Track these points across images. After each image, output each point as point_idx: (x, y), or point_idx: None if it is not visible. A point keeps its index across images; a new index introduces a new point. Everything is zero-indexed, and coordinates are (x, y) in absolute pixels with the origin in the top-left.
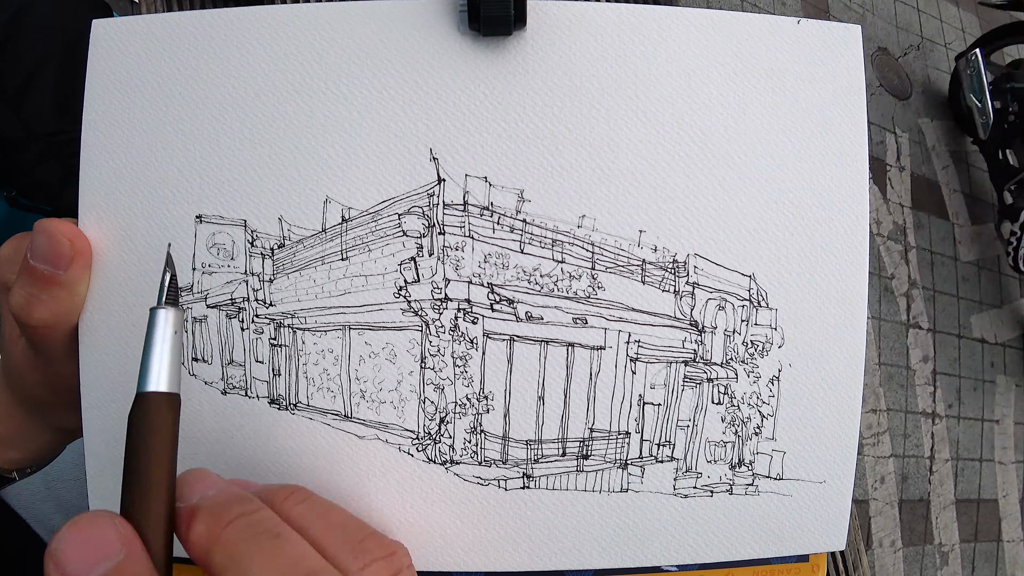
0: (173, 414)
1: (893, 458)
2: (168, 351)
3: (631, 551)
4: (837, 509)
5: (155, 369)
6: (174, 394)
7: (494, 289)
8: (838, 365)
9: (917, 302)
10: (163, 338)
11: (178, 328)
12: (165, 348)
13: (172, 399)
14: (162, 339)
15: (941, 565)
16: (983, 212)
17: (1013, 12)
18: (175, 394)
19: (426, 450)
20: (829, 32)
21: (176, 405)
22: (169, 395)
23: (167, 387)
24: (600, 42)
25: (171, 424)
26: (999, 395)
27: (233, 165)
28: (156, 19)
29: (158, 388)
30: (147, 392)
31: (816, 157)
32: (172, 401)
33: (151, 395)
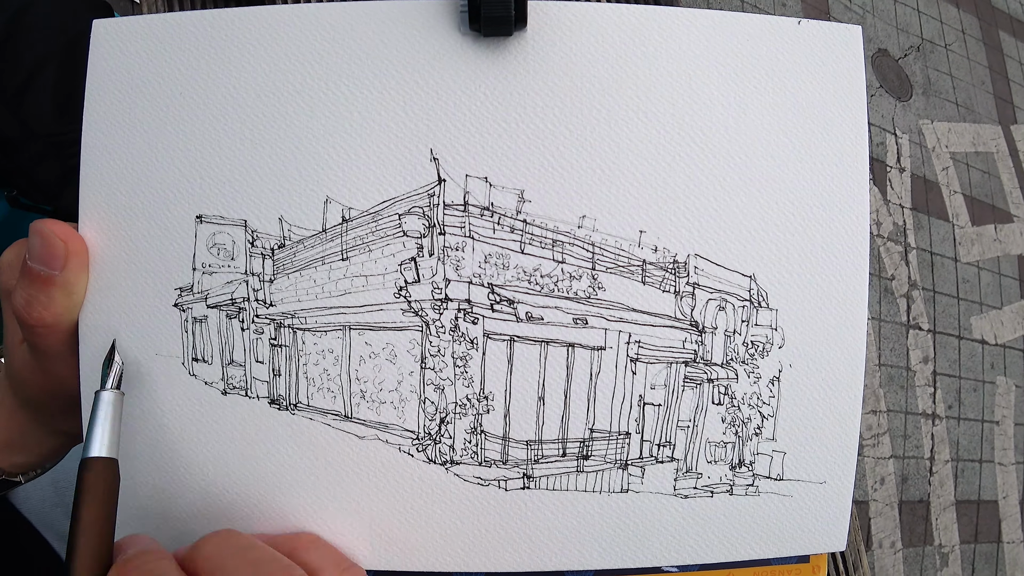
0: (112, 476)
1: (893, 459)
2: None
3: (631, 551)
4: (837, 510)
5: (98, 439)
6: (113, 459)
7: (494, 289)
8: (838, 366)
9: (917, 303)
10: (106, 416)
11: (119, 409)
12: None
13: (111, 464)
14: (104, 417)
15: (941, 566)
16: (983, 213)
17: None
18: (114, 459)
19: (426, 450)
20: (830, 33)
21: (115, 469)
22: (108, 460)
23: (108, 453)
24: (601, 42)
25: (112, 484)
26: (999, 396)
27: (233, 165)
28: (157, 19)
29: (100, 454)
30: (91, 457)
31: (817, 157)
32: (111, 465)
33: (95, 460)
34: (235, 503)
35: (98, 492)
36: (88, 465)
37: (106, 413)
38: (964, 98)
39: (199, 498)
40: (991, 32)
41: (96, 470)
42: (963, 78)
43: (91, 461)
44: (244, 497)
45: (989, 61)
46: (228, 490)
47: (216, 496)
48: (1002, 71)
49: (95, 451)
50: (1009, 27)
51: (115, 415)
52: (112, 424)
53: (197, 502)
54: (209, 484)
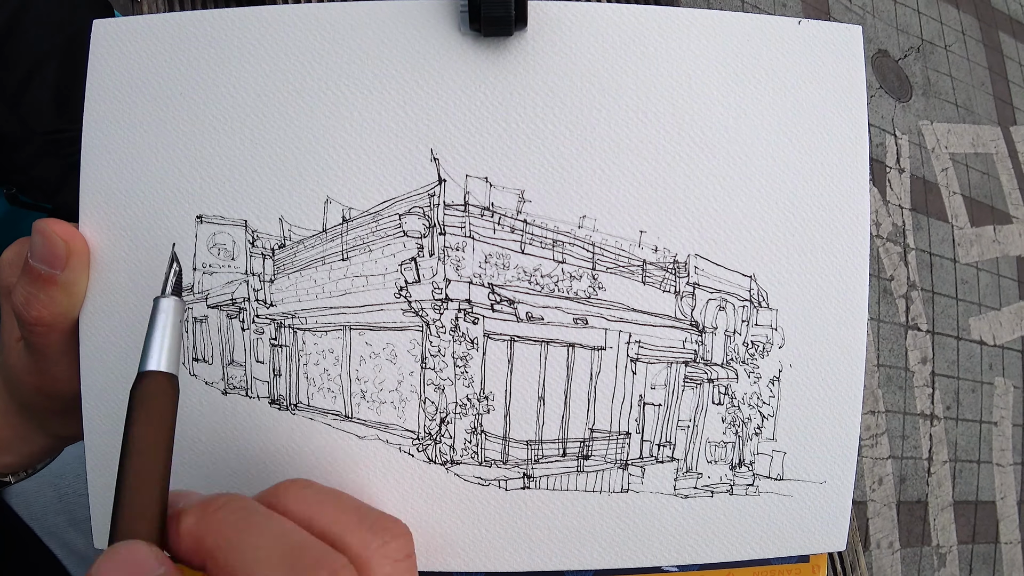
0: (173, 393)
1: (891, 459)
2: (170, 335)
3: (631, 551)
4: (837, 509)
5: (156, 350)
6: (174, 375)
7: (495, 289)
8: (838, 366)
9: (916, 304)
10: (165, 324)
11: (180, 317)
12: (167, 333)
13: (172, 379)
14: (164, 325)
15: (939, 567)
16: (982, 214)
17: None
18: (174, 375)
19: (426, 450)
20: (830, 33)
21: (175, 385)
22: (169, 375)
23: (168, 367)
24: (601, 42)
25: (171, 402)
26: (997, 397)
27: (234, 165)
28: (157, 19)
29: (159, 368)
30: (149, 371)
31: (817, 158)
32: (172, 381)
33: (153, 373)
34: None
35: (162, 413)
36: (146, 379)
37: (165, 321)
38: (964, 99)
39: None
40: (991, 33)
41: (159, 385)
42: (963, 79)
43: (148, 376)
44: None
45: (989, 62)
46: (228, 490)
47: None
48: (1002, 72)
49: (153, 364)
50: (1009, 28)
51: (175, 325)
52: (172, 335)
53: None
54: (209, 484)
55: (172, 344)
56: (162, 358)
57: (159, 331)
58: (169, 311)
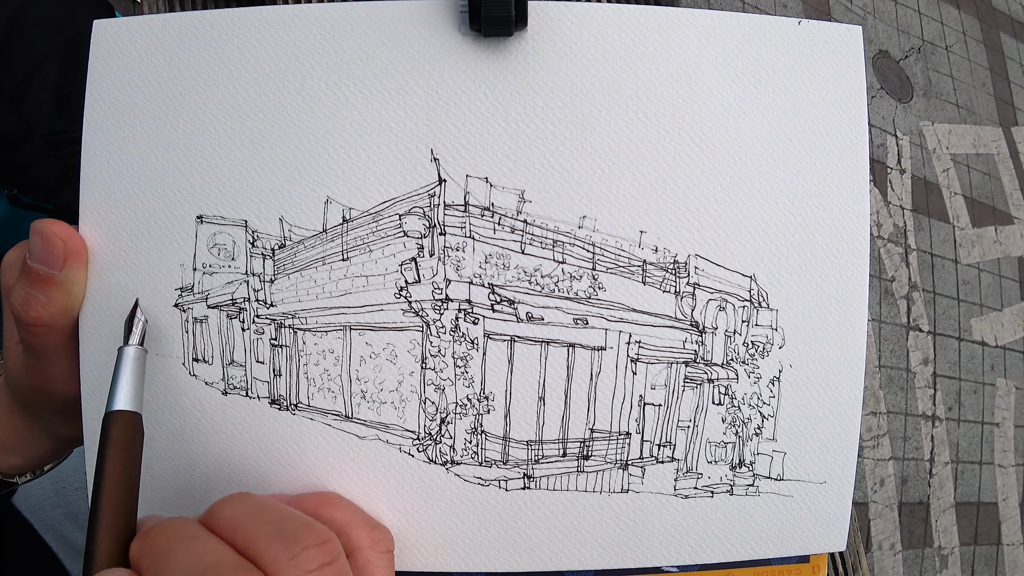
0: (136, 428)
1: (893, 461)
2: (132, 379)
3: (631, 552)
4: (838, 510)
5: (121, 392)
6: (137, 413)
7: (495, 290)
8: (838, 366)
9: (917, 304)
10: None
11: (143, 363)
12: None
13: (135, 417)
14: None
15: (941, 568)
16: (984, 215)
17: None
18: (138, 413)
19: (427, 451)
20: (830, 33)
21: (139, 422)
22: (133, 413)
23: (130, 406)
24: (601, 43)
25: (135, 437)
26: (999, 398)
27: (234, 165)
28: (157, 19)
29: (124, 407)
30: (115, 410)
31: (817, 158)
32: (135, 418)
33: (118, 412)
34: None
35: (123, 445)
36: (113, 419)
37: (129, 368)
38: (965, 100)
39: (199, 498)
40: (992, 34)
41: (121, 423)
42: (964, 80)
43: (116, 415)
44: None
45: (990, 63)
46: (229, 490)
47: (216, 496)
48: (1003, 73)
49: (119, 404)
50: (1010, 29)
51: (138, 370)
52: (136, 378)
53: (197, 502)
54: (208, 484)
55: (136, 387)
56: (128, 399)
57: (124, 376)
58: (132, 359)
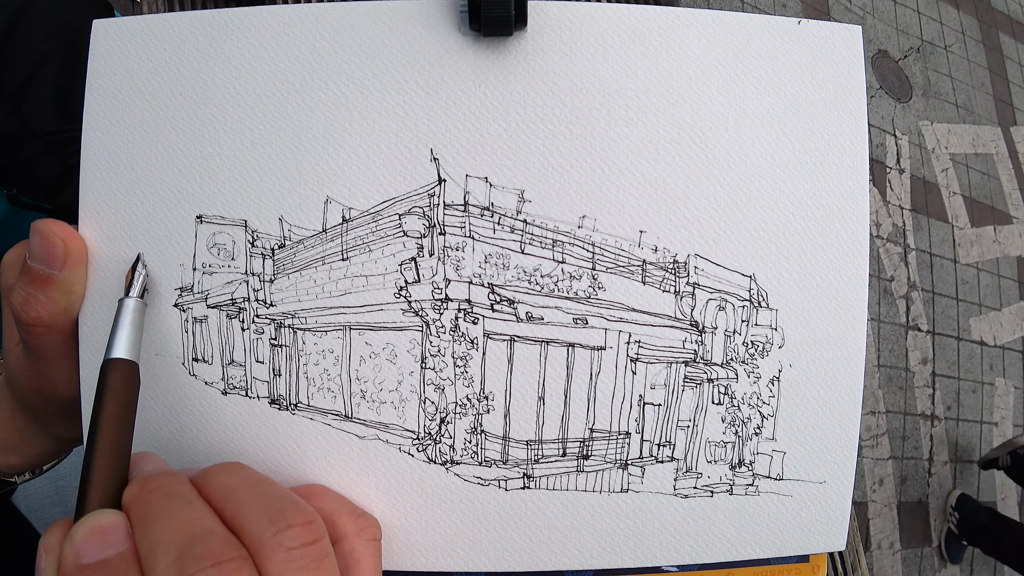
0: (133, 376)
1: (892, 460)
2: (130, 328)
3: (631, 551)
4: (837, 509)
5: (120, 341)
6: (134, 361)
7: (495, 289)
8: (838, 366)
9: (916, 304)
10: (127, 320)
11: (141, 314)
12: (128, 326)
13: (131, 365)
14: (127, 321)
15: (939, 567)
16: (983, 214)
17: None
18: (134, 362)
19: (426, 450)
20: (830, 33)
21: (135, 370)
22: (129, 361)
23: (127, 355)
24: (600, 42)
25: (132, 384)
26: (998, 397)
27: (234, 165)
28: (157, 19)
29: (121, 355)
30: (112, 358)
31: (816, 158)
32: (131, 366)
33: (115, 360)
34: None
35: (119, 393)
36: (111, 366)
37: (128, 319)
38: (964, 99)
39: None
40: (991, 34)
41: (119, 370)
42: (963, 79)
43: (114, 362)
44: None
45: (989, 63)
46: None
47: None
48: (1002, 73)
49: (117, 352)
50: (1009, 29)
51: (137, 321)
52: (134, 329)
53: None
54: None
55: (134, 337)
56: (125, 348)
57: (123, 326)
58: (132, 310)
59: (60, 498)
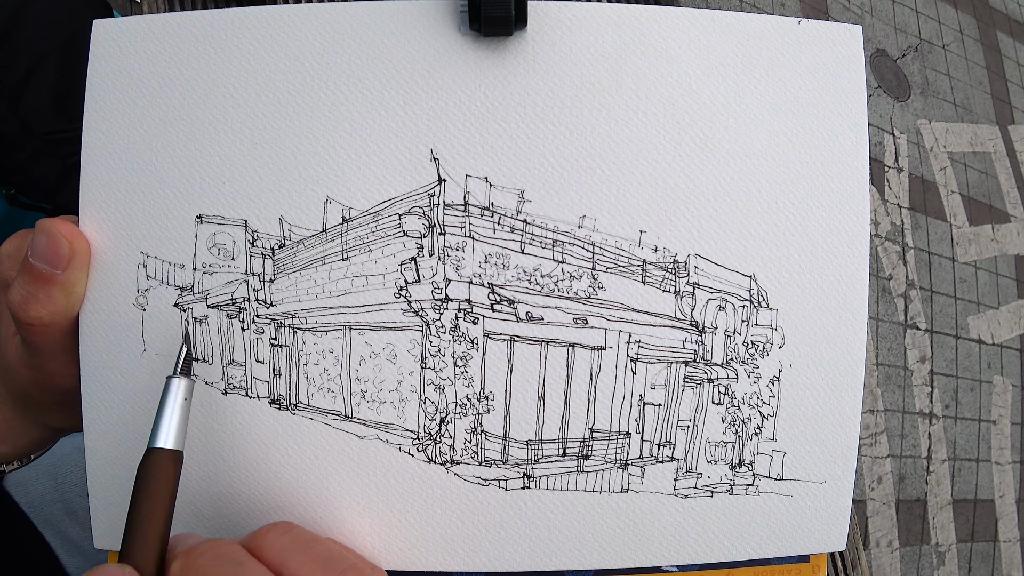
0: (176, 467)
1: (890, 458)
2: (178, 415)
3: (631, 551)
4: (837, 509)
5: (164, 428)
6: (178, 451)
7: (495, 289)
8: (838, 365)
9: (915, 303)
10: (175, 403)
11: (188, 396)
12: (175, 412)
13: (176, 456)
14: (173, 404)
15: (938, 565)
16: (981, 213)
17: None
18: (179, 451)
19: (426, 450)
20: (829, 32)
21: (179, 461)
22: (174, 452)
23: (174, 445)
24: (600, 42)
25: (173, 475)
26: (996, 396)
27: (234, 165)
28: (157, 19)
29: (166, 445)
30: (156, 448)
31: (816, 157)
32: (176, 457)
33: (159, 451)
34: (235, 503)
35: (163, 486)
36: (155, 456)
37: (175, 401)
38: (962, 98)
39: (198, 498)
40: (989, 33)
41: (163, 461)
42: (961, 78)
43: (158, 452)
44: (244, 497)
45: (987, 61)
46: (228, 490)
47: (215, 496)
48: (1000, 71)
49: (160, 441)
50: (1007, 28)
51: (183, 404)
52: (181, 414)
53: (196, 502)
54: (209, 484)
55: (181, 423)
56: (171, 437)
57: (169, 411)
58: (179, 391)
59: (60, 495)
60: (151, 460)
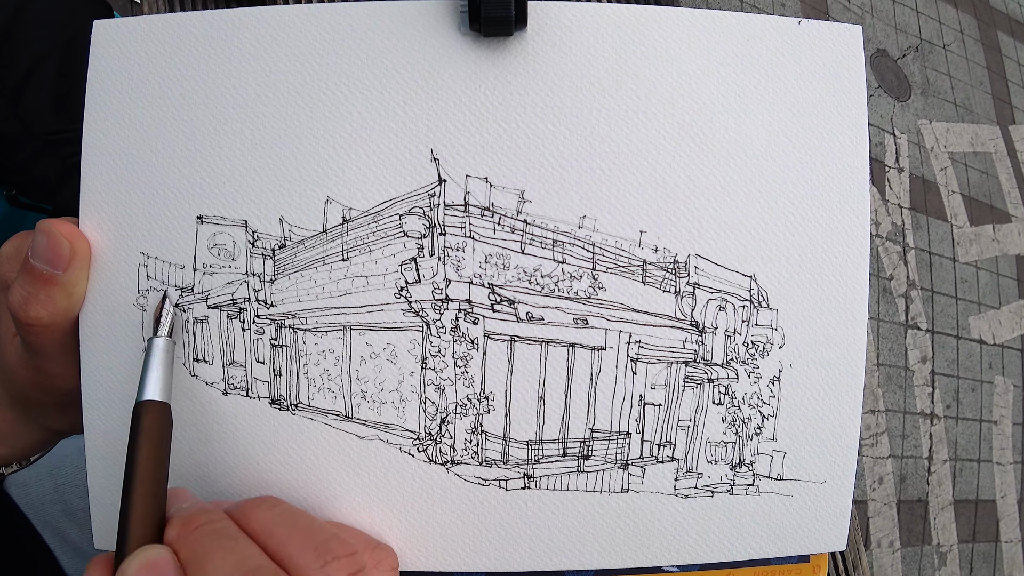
0: (166, 417)
1: (891, 459)
2: (162, 370)
3: (632, 551)
4: (838, 509)
5: (151, 383)
6: (166, 403)
7: (495, 289)
8: (839, 365)
9: (916, 303)
10: (158, 361)
11: (171, 354)
12: (160, 368)
13: (164, 407)
14: (158, 362)
15: (939, 566)
16: (981, 213)
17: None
18: (167, 403)
19: (427, 450)
20: (830, 33)
21: (168, 412)
22: (162, 403)
23: (160, 397)
24: (600, 42)
25: (165, 425)
26: (997, 396)
27: (234, 165)
28: (157, 20)
29: (154, 397)
30: (144, 400)
31: (817, 157)
32: (164, 408)
33: (148, 402)
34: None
35: (154, 435)
36: (144, 408)
37: (159, 359)
38: (962, 98)
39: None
40: (989, 33)
41: (152, 413)
42: (961, 78)
43: (147, 404)
44: (244, 497)
45: (987, 62)
46: (228, 490)
47: (216, 496)
48: (1000, 72)
49: (150, 394)
50: (1008, 28)
51: (167, 361)
52: (165, 369)
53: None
54: (209, 484)
55: (166, 378)
56: (158, 390)
57: (154, 367)
58: (162, 350)
59: (60, 495)
60: (143, 412)
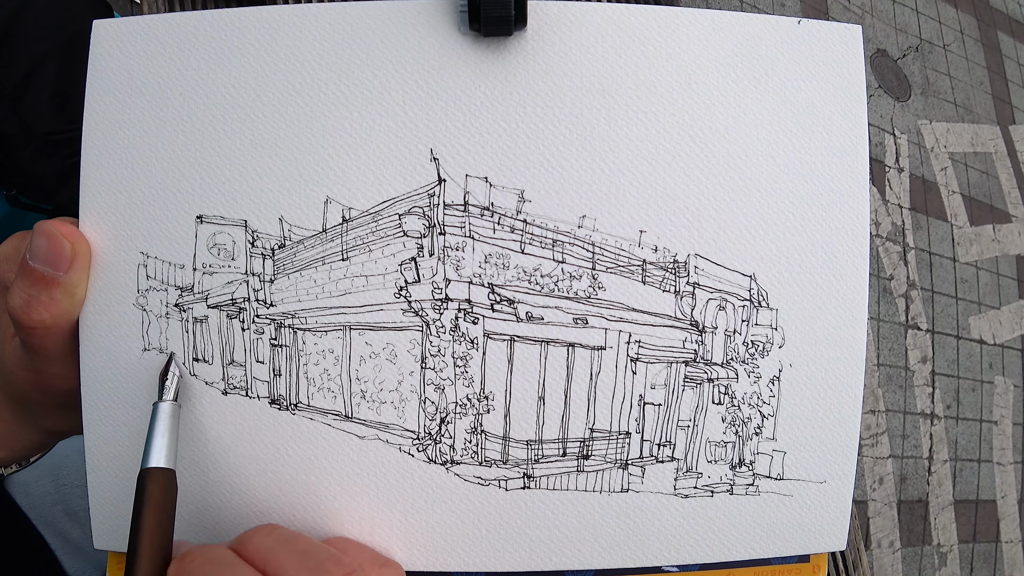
0: (171, 484)
1: (892, 459)
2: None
3: (631, 551)
4: (838, 509)
5: (156, 449)
6: (171, 470)
7: (495, 289)
8: (838, 365)
9: (916, 303)
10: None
11: (176, 419)
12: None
13: (169, 473)
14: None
15: (939, 566)
16: (982, 213)
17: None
18: (172, 470)
19: (427, 450)
20: (830, 32)
21: (173, 478)
22: (167, 470)
23: (166, 464)
24: (600, 42)
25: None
26: (998, 396)
27: (234, 165)
28: (157, 19)
29: (159, 464)
30: (150, 467)
31: (816, 157)
32: (169, 475)
33: (153, 470)
34: (235, 503)
35: (158, 502)
36: (149, 475)
37: (165, 424)
38: (962, 98)
39: (198, 498)
40: (989, 33)
41: (157, 480)
42: (961, 78)
43: (152, 471)
44: (244, 497)
45: (987, 62)
46: (228, 490)
47: (215, 496)
48: (1000, 72)
49: (155, 461)
50: (1008, 28)
51: (173, 426)
52: (171, 435)
53: (197, 502)
54: (209, 484)
55: (171, 443)
56: (163, 456)
57: (159, 433)
58: (168, 415)
59: (61, 496)
60: (147, 479)
